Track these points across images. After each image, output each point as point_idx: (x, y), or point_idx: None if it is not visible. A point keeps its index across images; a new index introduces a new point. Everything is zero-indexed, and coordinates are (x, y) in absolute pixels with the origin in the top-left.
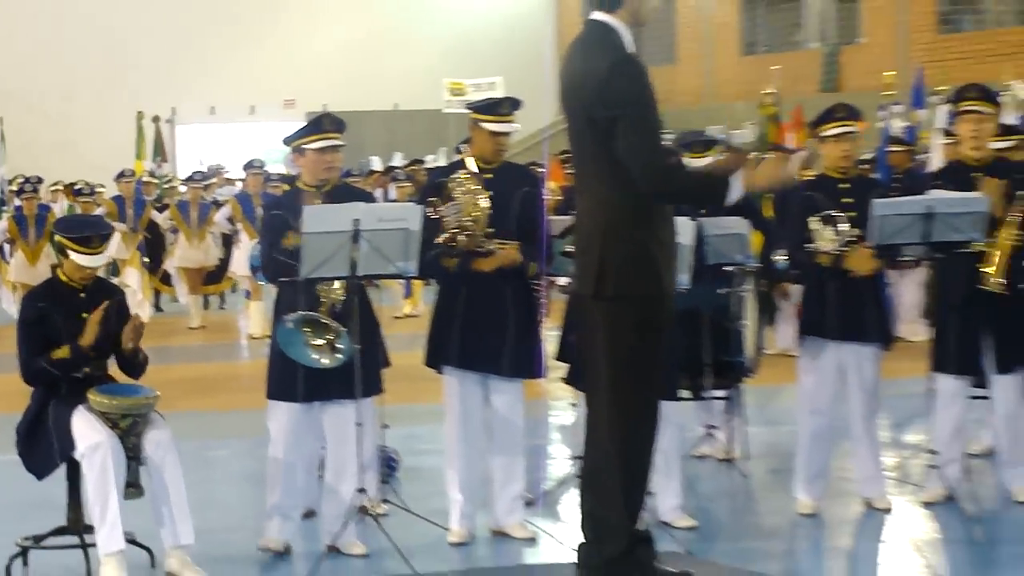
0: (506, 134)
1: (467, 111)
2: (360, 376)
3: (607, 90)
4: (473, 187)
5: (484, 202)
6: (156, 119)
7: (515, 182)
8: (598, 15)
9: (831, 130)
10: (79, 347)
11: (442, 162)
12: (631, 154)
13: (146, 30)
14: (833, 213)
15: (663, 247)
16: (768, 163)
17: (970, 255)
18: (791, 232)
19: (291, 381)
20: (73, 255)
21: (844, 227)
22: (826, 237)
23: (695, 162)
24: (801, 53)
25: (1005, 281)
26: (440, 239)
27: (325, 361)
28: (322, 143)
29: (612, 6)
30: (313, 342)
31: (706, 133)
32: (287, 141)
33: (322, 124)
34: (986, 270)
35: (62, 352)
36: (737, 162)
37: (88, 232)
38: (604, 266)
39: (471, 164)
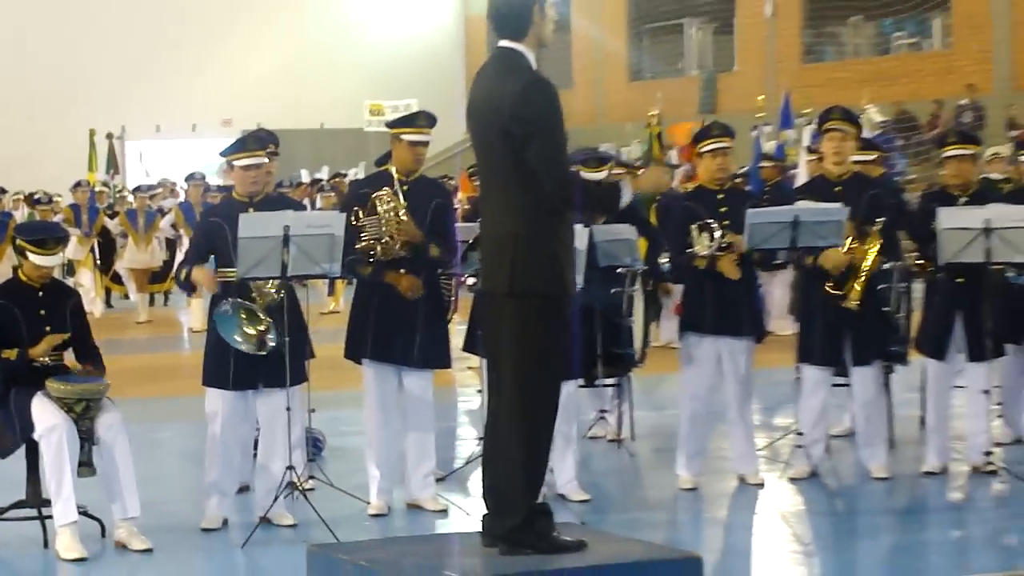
0: (424, 144)
1: (387, 129)
2: (289, 366)
3: (523, 108)
4: (394, 204)
5: (404, 217)
6: (109, 135)
7: (429, 194)
8: (506, 43)
9: (708, 146)
10: (25, 354)
11: (362, 175)
12: (543, 166)
13: (99, 56)
14: (709, 221)
15: (566, 250)
16: (652, 170)
17: None
18: (673, 238)
19: (224, 369)
20: (32, 256)
21: (718, 234)
22: (703, 243)
23: (591, 175)
24: (682, 79)
25: (860, 303)
26: (359, 246)
27: (252, 349)
28: (246, 160)
29: (518, 34)
30: (246, 329)
31: (599, 150)
32: (222, 154)
33: (247, 143)
34: (848, 296)
35: (10, 353)
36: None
37: (44, 235)
38: (516, 267)
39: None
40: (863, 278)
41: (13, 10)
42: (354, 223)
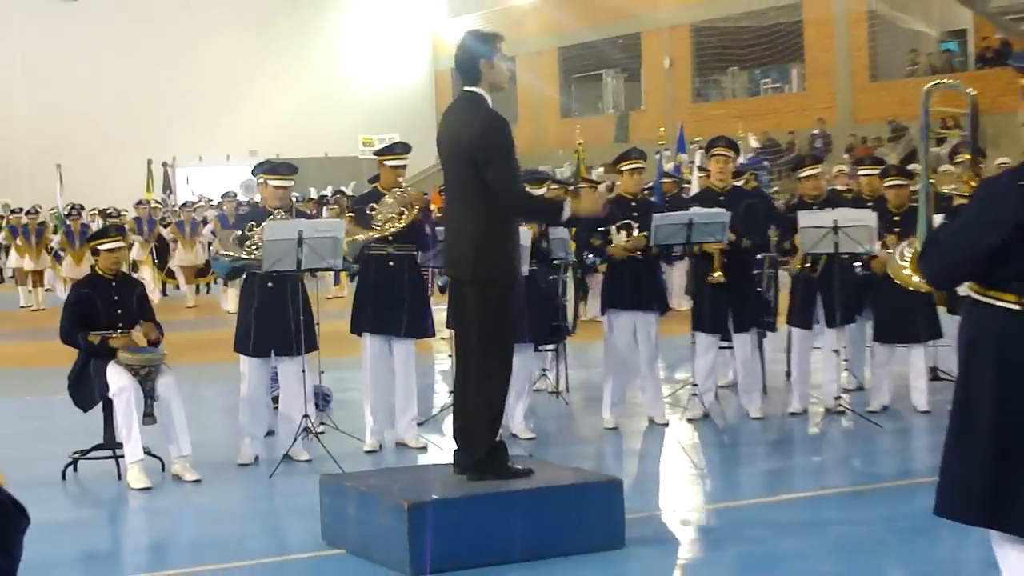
0: (402, 167)
1: (374, 156)
2: (301, 339)
3: (484, 139)
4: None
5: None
6: (164, 164)
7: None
8: (469, 88)
9: (628, 166)
10: (105, 343)
11: (357, 192)
12: (500, 184)
13: (154, 100)
14: (628, 222)
15: (514, 246)
16: (588, 195)
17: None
18: (599, 236)
19: (247, 340)
20: (101, 247)
21: (635, 232)
22: (620, 239)
23: (534, 191)
24: (601, 117)
25: (723, 276)
26: (376, 223)
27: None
28: (278, 182)
29: (474, 81)
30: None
31: (539, 170)
32: (256, 171)
33: (279, 169)
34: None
35: (94, 338)
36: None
37: (104, 230)
38: (476, 260)
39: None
40: (717, 263)
41: (87, 63)
42: (368, 212)
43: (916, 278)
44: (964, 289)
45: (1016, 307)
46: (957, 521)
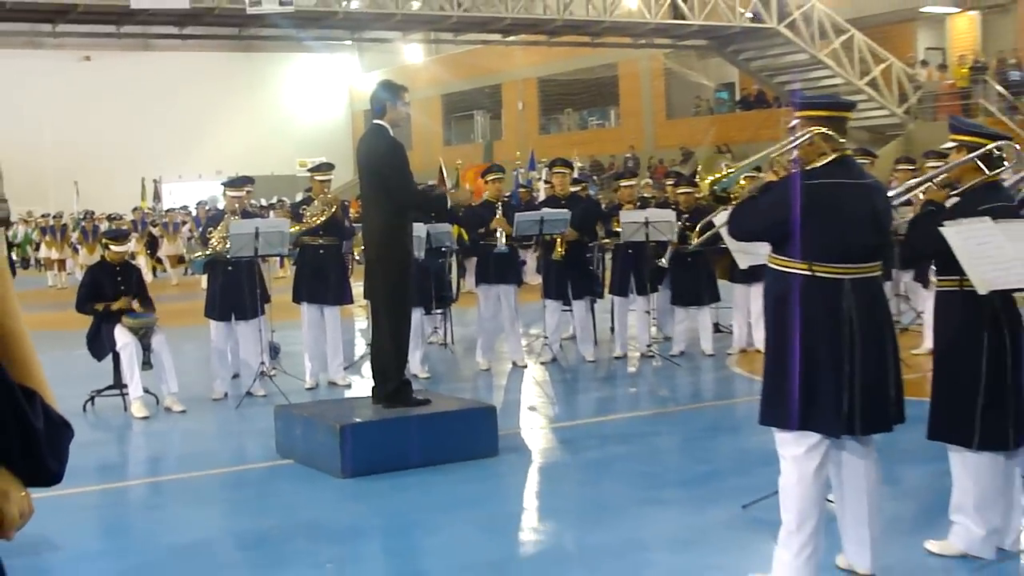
0: (327, 180)
1: (308, 173)
2: (257, 306)
3: (387, 159)
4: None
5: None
6: (154, 180)
7: (340, 208)
8: (376, 121)
9: (491, 177)
10: (109, 308)
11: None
12: (398, 192)
13: (146, 130)
14: (497, 227)
15: (409, 237)
16: (462, 192)
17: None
18: (475, 227)
19: (214, 307)
20: (111, 247)
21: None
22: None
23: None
24: (473, 145)
25: (563, 256)
26: (305, 219)
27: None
28: (236, 193)
29: (382, 116)
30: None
31: (430, 183)
32: (224, 184)
33: (236, 183)
34: (558, 251)
35: (100, 306)
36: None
37: (116, 235)
38: (382, 245)
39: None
40: (562, 248)
41: (96, 107)
42: (301, 212)
43: (706, 191)
44: (763, 260)
45: (808, 273)
46: (777, 427)
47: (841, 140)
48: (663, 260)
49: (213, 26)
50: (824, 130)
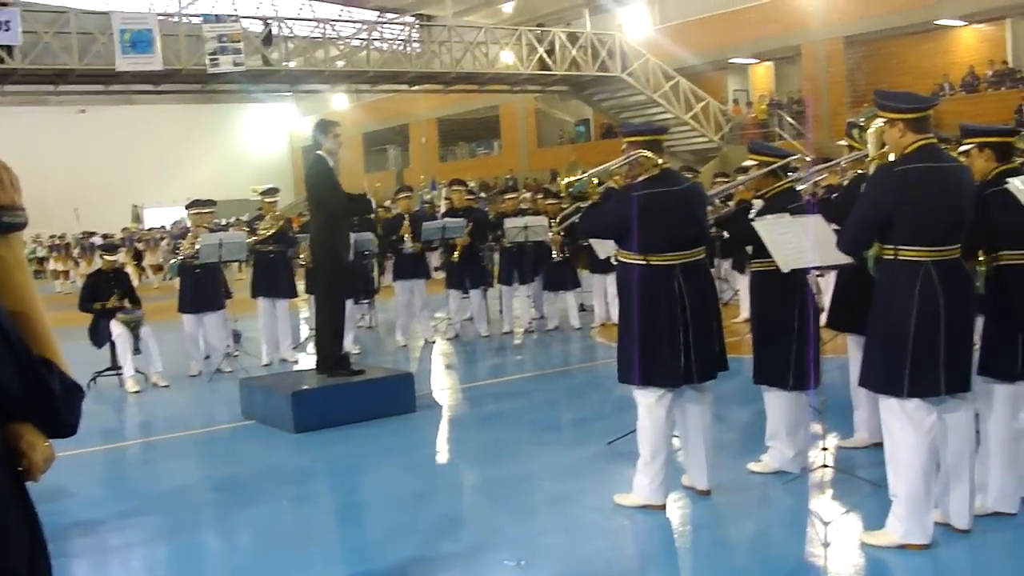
0: (275, 202)
1: (259, 196)
2: (221, 301)
3: (322, 179)
4: (269, 224)
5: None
6: (138, 206)
7: (285, 223)
8: (317, 152)
9: (401, 196)
10: (105, 306)
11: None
12: (334, 201)
13: (132, 165)
14: (411, 230)
15: (343, 243)
16: (401, 200)
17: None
18: (390, 234)
19: (186, 302)
20: (105, 257)
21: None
22: (409, 239)
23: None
24: (387, 171)
25: (461, 253)
26: (259, 231)
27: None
28: (199, 211)
29: (320, 147)
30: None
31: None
32: (186, 207)
33: (200, 204)
34: (456, 253)
35: (98, 305)
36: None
37: (109, 247)
38: (322, 249)
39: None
40: (459, 249)
41: (91, 148)
42: (255, 227)
43: (564, 191)
44: (610, 252)
45: (644, 263)
46: (629, 383)
47: (660, 159)
48: (555, 255)
49: (182, 83)
50: (645, 152)
